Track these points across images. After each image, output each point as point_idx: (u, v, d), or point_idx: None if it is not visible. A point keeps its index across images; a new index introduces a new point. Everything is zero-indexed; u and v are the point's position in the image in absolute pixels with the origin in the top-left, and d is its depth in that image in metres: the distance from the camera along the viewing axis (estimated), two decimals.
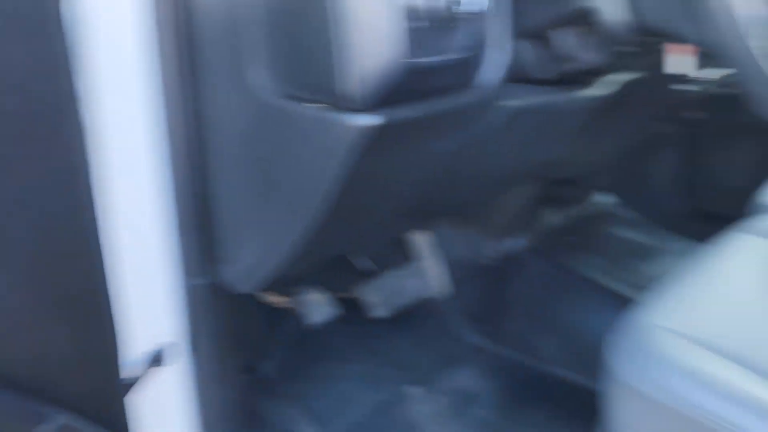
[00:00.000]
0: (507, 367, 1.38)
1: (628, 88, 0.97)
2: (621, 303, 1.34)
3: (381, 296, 1.27)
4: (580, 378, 1.30)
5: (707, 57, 1.26)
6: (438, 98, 0.67)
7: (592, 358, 1.32)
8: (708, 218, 1.76)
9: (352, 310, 1.25)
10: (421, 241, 1.44)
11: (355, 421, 1.22)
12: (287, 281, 1.13)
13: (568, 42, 0.85)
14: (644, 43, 0.88)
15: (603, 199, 1.78)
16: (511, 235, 1.47)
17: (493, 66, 0.72)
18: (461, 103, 0.70)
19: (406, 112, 0.64)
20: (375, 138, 0.63)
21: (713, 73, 1.34)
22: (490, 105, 0.77)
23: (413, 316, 1.43)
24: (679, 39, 0.81)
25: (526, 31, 0.85)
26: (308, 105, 0.66)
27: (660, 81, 1.10)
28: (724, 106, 1.77)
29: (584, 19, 0.82)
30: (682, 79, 1.24)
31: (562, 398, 1.29)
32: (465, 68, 0.68)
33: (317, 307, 1.09)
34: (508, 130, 0.86)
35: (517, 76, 0.87)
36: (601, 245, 1.56)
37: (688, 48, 1.22)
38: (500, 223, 1.46)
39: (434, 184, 0.87)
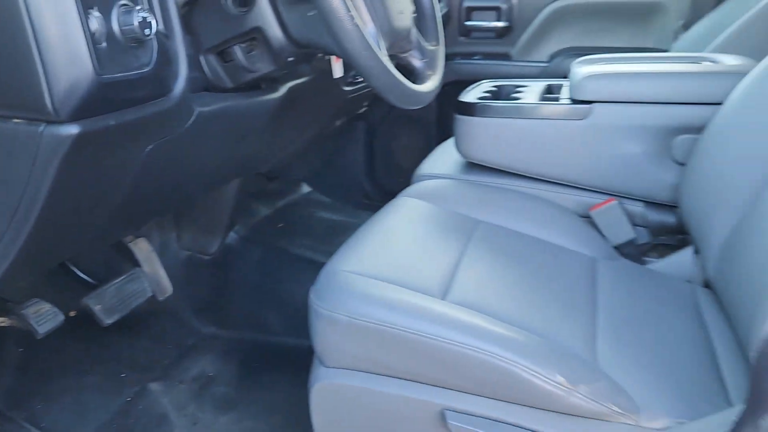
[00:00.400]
0: (240, 347, 1.53)
1: (295, 91, 1.19)
2: None
3: (109, 303, 1.31)
4: (303, 340, 1.51)
5: None
6: (136, 107, 0.79)
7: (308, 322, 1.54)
8: (386, 194, 2.13)
9: (82, 321, 1.27)
10: (142, 245, 1.51)
11: (99, 427, 1.26)
12: (6, 298, 1.12)
13: (246, 55, 1.03)
14: (305, 53, 1.10)
15: (303, 190, 2.04)
16: (228, 229, 1.62)
17: (179, 78, 0.86)
18: (155, 110, 0.83)
19: (103, 121, 0.75)
20: (77, 146, 0.72)
21: None
22: (186, 111, 0.90)
23: (145, 318, 1.50)
24: (324, 51, 1.04)
25: (212, 48, 1.01)
26: (7, 120, 0.73)
27: (326, 83, 1.35)
28: (382, 102, 2.16)
29: (255, 36, 1.01)
30: (348, 81, 1.51)
31: (291, 360, 1.49)
32: (155, 81, 0.81)
33: (42, 320, 1.10)
34: (207, 132, 1.01)
35: (211, 86, 1.03)
36: (306, 227, 1.80)
37: None
38: (217, 220, 1.59)
39: (146, 186, 0.98)
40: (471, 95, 1.44)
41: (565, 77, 1.65)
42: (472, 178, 1.38)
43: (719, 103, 1.19)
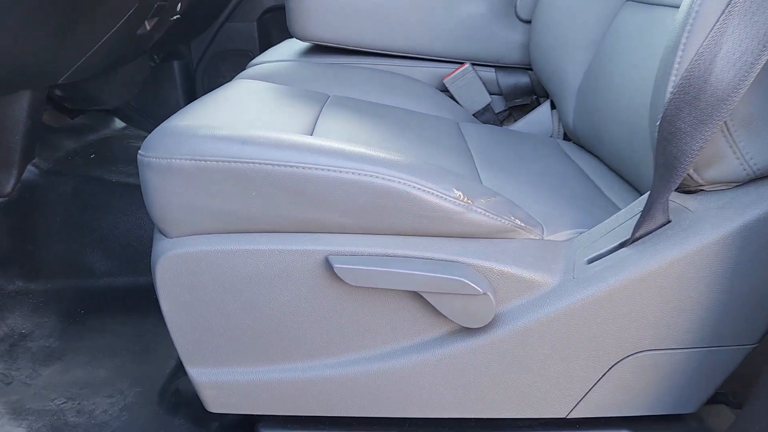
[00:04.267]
0: (58, 297, 1.26)
1: None
2: None
3: None
4: (136, 277, 1.28)
5: None
6: None
7: (141, 256, 1.31)
8: None
9: None
10: None
11: None
12: None
13: None
14: None
15: (117, 125, 1.76)
16: (22, 163, 1.32)
17: None
18: None
19: None
20: None
21: None
22: None
23: None
24: None
25: None
26: None
27: None
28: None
29: None
30: None
31: (123, 301, 1.25)
32: None
33: None
34: None
35: None
36: (124, 155, 1.54)
37: None
38: (5, 153, 1.29)
39: None
40: None
41: None
42: (311, 60, 1.24)
43: None
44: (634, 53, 0.91)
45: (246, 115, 0.86)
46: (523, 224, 0.71)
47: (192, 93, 2.13)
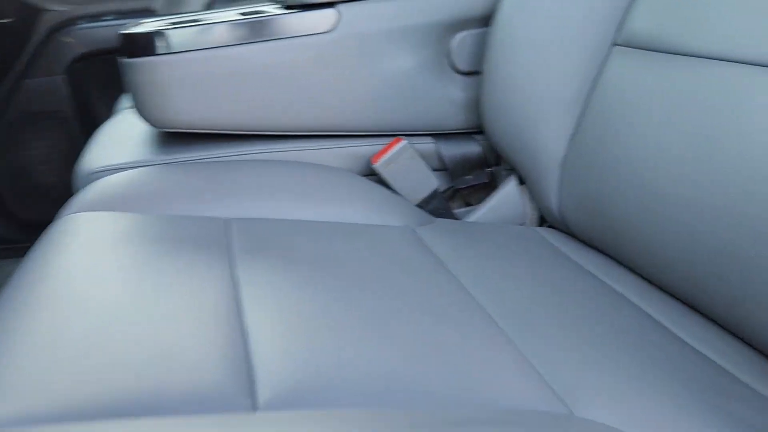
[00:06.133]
0: None
1: None
2: None
3: None
4: None
5: None
6: None
7: None
8: (28, 227, 1.47)
9: None
10: None
11: None
12: None
13: None
14: None
15: None
16: None
17: None
18: None
19: None
20: None
21: None
22: None
23: None
24: None
25: None
26: None
27: None
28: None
29: None
30: None
31: None
32: None
33: None
34: None
35: None
36: None
37: None
38: None
39: None
40: (141, 28, 0.88)
41: None
42: (178, 156, 0.84)
43: None
44: (660, 121, 0.65)
45: (111, 330, 0.47)
46: None
47: None
